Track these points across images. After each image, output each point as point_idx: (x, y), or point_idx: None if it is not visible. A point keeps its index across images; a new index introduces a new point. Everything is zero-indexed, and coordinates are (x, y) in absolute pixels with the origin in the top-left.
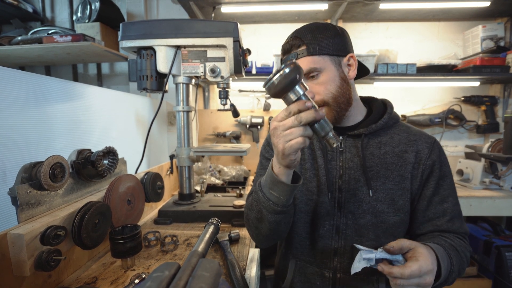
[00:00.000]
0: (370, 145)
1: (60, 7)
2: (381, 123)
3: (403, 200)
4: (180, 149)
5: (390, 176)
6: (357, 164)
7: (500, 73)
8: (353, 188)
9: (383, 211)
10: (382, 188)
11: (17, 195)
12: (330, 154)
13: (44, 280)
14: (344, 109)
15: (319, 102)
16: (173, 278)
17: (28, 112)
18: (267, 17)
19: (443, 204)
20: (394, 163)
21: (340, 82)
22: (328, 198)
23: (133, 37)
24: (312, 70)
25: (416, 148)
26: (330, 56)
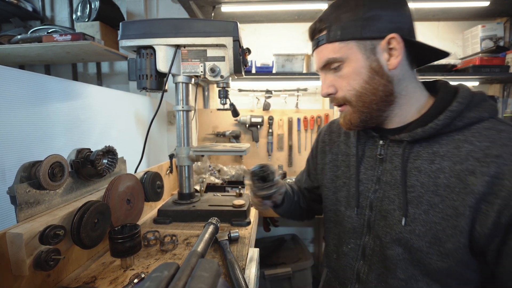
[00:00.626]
0: (419, 156)
1: (60, 6)
2: (432, 127)
3: (453, 244)
4: (179, 149)
5: (439, 205)
6: (396, 180)
7: (499, 73)
8: (385, 208)
9: (421, 249)
10: (422, 219)
11: (16, 194)
12: (369, 161)
13: (43, 280)
14: (377, 110)
15: (340, 100)
16: (172, 278)
17: (28, 111)
18: (267, 16)
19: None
20: (449, 187)
21: (368, 75)
22: (355, 213)
23: (132, 36)
24: (331, 61)
25: (496, 170)
26: (357, 41)
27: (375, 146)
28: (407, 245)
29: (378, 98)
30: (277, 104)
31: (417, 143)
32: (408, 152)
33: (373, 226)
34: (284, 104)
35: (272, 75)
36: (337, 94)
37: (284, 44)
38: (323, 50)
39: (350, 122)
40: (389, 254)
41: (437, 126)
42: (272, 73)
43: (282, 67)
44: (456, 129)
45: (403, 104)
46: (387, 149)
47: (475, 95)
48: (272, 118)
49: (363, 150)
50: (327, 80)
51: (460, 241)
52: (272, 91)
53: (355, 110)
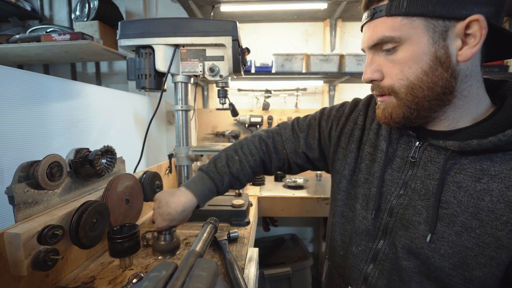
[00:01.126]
0: (463, 170)
1: (59, 6)
2: (494, 142)
3: (483, 273)
4: (179, 148)
5: (476, 230)
6: (427, 190)
7: (498, 73)
8: (408, 218)
9: (442, 269)
10: (452, 240)
11: (14, 194)
12: (398, 162)
13: (42, 280)
14: (428, 109)
15: (385, 89)
16: (170, 278)
17: (26, 111)
18: (266, 16)
19: None
20: (493, 213)
21: (430, 65)
22: (372, 216)
23: (131, 35)
24: (387, 40)
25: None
26: (426, 19)
27: (409, 147)
28: (427, 263)
29: (434, 95)
30: (276, 103)
31: (464, 155)
32: (451, 163)
33: (390, 232)
34: (284, 104)
35: (272, 75)
36: (383, 82)
37: (283, 43)
38: (378, 24)
39: (390, 116)
40: (404, 265)
41: (500, 142)
42: (271, 73)
43: (281, 67)
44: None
45: (460, 106)
46: (423, 153)
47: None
48: (271, 118)
49: (394, 147)
50: (374, 62)
51: (494, 272)
52: (272, 90)
53: (401, 104)
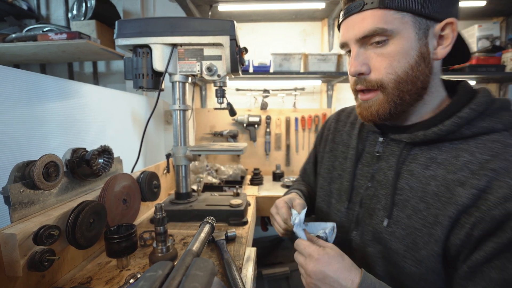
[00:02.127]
0: (415, 159)
1: (55, 5)
2: (435, 132)
3: (427, 251)
4: (176, 148)
5: (423, 211)
6: (387, 180)
7: (495, 72)
8: (372, 207)
9: (397, 252)
10: (405, 223)
11: (10, 194)
12: (366, 158)
13: (38, 280)
14: (408, 103)
15: (373, 83)
16: (166, 277)
17: (23, 110)
18: (264, 15)
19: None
20: (437, 195)
21: (415, 60)
22: (345, 208)
23: (128, 35)
24: (379, 32)
25: (486, 183)
26: (414, 15)
27: (375, 143)
28: (386, 246)
29: (415, 89)
30: (274, 103)
31: (417, 146)
32: (406, 154)
33: (360, 222)
34: (282, 104)
35: (270, 74)
36: (371, 76)
37: (281, 43)
38: (369, 16)
39: (377, 113)
40: (370, 252)
41: (441, 132)
42: (269, 72)
43: (279, 66)
44: (462, 138)
45: (428, 102)
46: (386, 147)
47: (494, 103)
48: (269, 118)
49: (363, 144)
50: (362, 55)
51: (434, 249)
52: (270, 90)
53: (388, 100)
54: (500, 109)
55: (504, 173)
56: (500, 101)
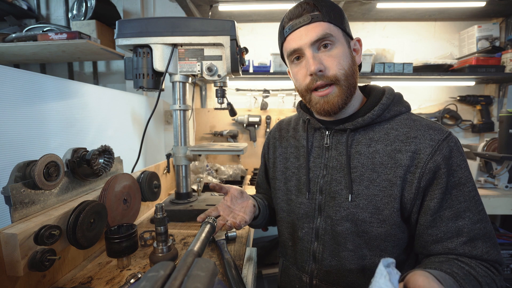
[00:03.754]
0: (359, 142)
1: (55, 4)
2: (370, 116)
3: (389, 210)
4: (177, 148)
5: (376, 180)
6: (341, 164)
7: (495, 73)
8: (333, 190)
9: (364, 220)
10: (365, 194)
11: (11, 194)
12: (316, 151)
13: (38, 280)
14: (352, 95)
15: (330, 78)
16: (168, 277)
17: (23, 110)
18: (265, 16)
19: (457, 221)
20: (383, 164)
21: (351, 60)
22: (307, 198)
23: (129, 35)
24: (327, 36)
25: (415, 147)
26: (342, 31)
27: (322, 137)
28: (354, 219)
29: (354, 83)
30: (274, 103)
31: (357, 132)
32: (351, 140)
33: (323, 208)
34: (282, 104)
35: (270, 75)
36: (327, 72)
37: None
38: (318, 26)
39: (337, 103)
40: (339, 230)
41: (373, 116)
42: (269, 73)
43: (279, 67)
44: (385, 120)
45: (356, 97)
46: (333, 138)
47: (396, 95)
48: (269, 118)
49: (311, 141)
50: (316, 57)
51: (394, 206)
52: (270, 90)
53: (343, 91)
54: (400, 98)
55: (422, 137)
56: (398, 93)
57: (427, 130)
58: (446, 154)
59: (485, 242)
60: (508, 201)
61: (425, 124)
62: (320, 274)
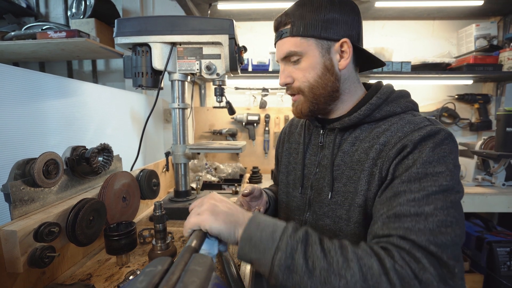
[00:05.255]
0: (346, 141)
1: (55, 3)
2: (356, 116)
3: (353, 206)
4: (176, 146)
5: (353, 177)
6: (329, 161)
7: (493, 72)
8: (320, 187)
9: (341, 217)
10: (342, 191)
11: (10, 192)
12: (313, 149)
13: (38, 277)
14: (324, 103)
15: (295, 90)
16: (166, 272)
17: (22, 109)
18: (263, 14)
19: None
20: (360, 161)
21: (322, 71)
22: (299, 193)
23: (128, 33)
24: (292, 54)
25: (384, 140)
26: (316, 39)
27: (318, 135)
28: (333, 216)
29: (326, 92)
30: (273, 102)
31: (347, 131)
32: (340, 138)
33: (312, 203)
34: (281, 102)
35: (269, 73)
36: (294, 84)
37: None
38: (285, 42)
39: (300, 111)
40: (320, 225)
41: (360, 116)
42: (268, 71)
43: (278, 65)
44: (375, 120)
45: (345, 100)
46: (326, 137)
47: (393, 93)
48: (268, 116)
49: (309, 139)
50: (286, 70)
51: (357, 202)
52: (269, 89)
53: (306, 100)
54: (398, 97)
55: (395, 131)
56: (399, 91)
57: (404, 124)
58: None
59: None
60: (505, 199)
61: (408, 119)
62: None
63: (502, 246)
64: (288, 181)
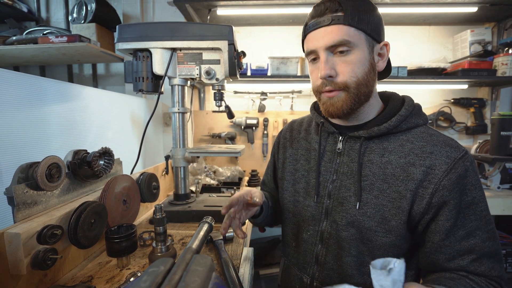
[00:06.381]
0: (372, 151)
1: (56, 7)
2: (386, 126)
3: (396, 221)
4: (175, 150)
5: (386, 190)
6: (352, 170)
7: (487, 77)
8: (342, 196)
9: (370, 228)
10: (373, 203)
11: (14, 195)
12: (328, 155)
13: (40, 279)
14: (362, 102)
15: (339, 85)
16: (168, 272)
17: (25, 113)
18: (262, 20)
19: (469, 240)
20: (395, 176)
21: (368, 68)
22: (314, 201)
23: (129, 39)
24: (345, 43)
25: (430, 162)
26: (366, 34)
27: (335, 142)
28: (359, 226)
29: (367, 91)
30: (272, 106)
31: (371, 140)
32: (364, 148)
33: (330, 212)
34: (279, 106)
35: (267, 78)
36: (338, 79)
37: (279, 46)
38: (336, 29)
39: (342, 107)
40: (344, 236)
41: (390, 126)
42: (267, 76)
43: (277, 70)
44: (401, 131)
45: (371, 104)
46: (346, 144)
47: (416, 106)
48: (267, 120)
49: (324, 145)
50: (329, 61)
51: (402, 218)
52: (267, 93)
53: (349, 97)
54: (419, 109)
55: (438, 154)
56: (418, 105)
57: (443, 146)
58: (462, 173)
59: (491, 258)
60: (500, 202)
61: (442, 140)
62: (321, 277)
63: None
64: (296, 189)
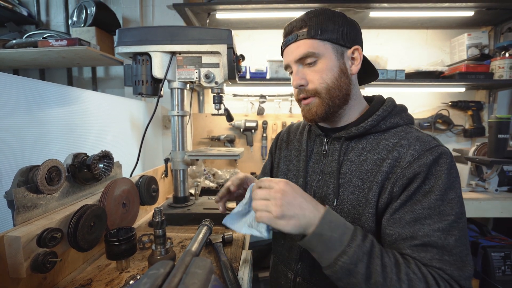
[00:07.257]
0: (352, 150)
1: (55, 11)
2: (363, 126)
3: (365, 215)
4: (174, 153)
5: (361, 186)
6: (334, 170)
7: (484, 80)
8: (324, 194)
9: None
10: (349, 199)
11: (14, 198)
12: (315, 157)
13: (40, 282)
14: (338, 106)
15: (311, 92)
16: (168, 275)
17: (24, 117)
18: (261, 23)
19: (415, 226)
20: (369, 172)
21: (338, 73)
22: None
23: (129, 43)
24: (310, 55)
25: (397, 155)
26: (332, 43)
27: (321, 143)
28: None
29: (341, 95)
30: (271, 108)
31: (352, 140)
32: (345, 147)
33: None
34: (278, 109)
35: (266, 81)
36: (308, 86)
37: (277, 50)
38: (302, 44)
39: (316, 113)
40: None
41: (367, 126)
42: (266, 79)
43: (275, 73)
44: (380, 131)
45: (352, 106)
46: (330, 145)
47: (396, 106)
48: (266, 123)
49: (312, 147)
50: (300, 72)
51: (370, 211)
52: (266, 96)
53: (322, 103)
54: (401, 110)
55: (407, 147)
56: (400, 105)
57: (414, 141)
58: (426, 163)
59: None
60: (498, 204)
61: (416, 136)
62: (304, 273)
63: (497, 251)
64: None
